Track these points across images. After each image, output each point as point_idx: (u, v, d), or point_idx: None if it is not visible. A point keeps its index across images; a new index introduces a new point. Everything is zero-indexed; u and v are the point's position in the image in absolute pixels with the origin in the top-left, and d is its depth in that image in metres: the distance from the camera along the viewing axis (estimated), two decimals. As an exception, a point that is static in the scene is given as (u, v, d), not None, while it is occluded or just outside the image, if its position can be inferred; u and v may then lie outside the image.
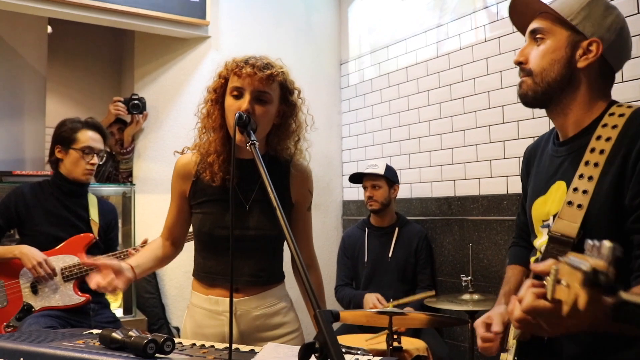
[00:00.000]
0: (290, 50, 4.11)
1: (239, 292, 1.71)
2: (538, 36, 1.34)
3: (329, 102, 4.37)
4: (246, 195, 1.72)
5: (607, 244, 0.83)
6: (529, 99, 1.36)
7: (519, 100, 1.41)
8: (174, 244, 1.87)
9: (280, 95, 1.70)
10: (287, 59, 1.77)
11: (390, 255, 3.32)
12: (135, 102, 3.59)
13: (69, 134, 2.69)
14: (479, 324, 1.42)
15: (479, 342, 1.40)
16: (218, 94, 1.70)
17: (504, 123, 3.07)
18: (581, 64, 1.29)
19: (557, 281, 0.89)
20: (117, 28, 3.78)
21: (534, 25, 1.36)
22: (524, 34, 1.44)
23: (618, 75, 2.49)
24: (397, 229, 3.37)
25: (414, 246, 3.33)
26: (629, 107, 1.27)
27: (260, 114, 1.62)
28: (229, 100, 1.65)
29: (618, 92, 2.49)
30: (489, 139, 3.16)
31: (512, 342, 1.39)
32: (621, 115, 1.25)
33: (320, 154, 1.86)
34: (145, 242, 2.74)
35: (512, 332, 1.38)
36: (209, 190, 1.73)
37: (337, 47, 4.46)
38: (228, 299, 1.67)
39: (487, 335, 1.37)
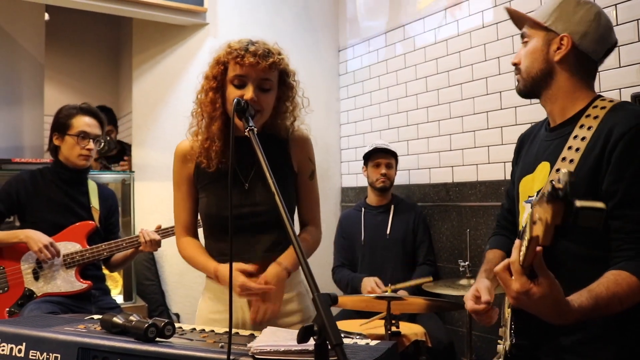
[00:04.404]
0: (289, 36, 4.09)
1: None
2: (524, 40, 1.55)
3: (327, 89, 4.36)
4: (246, 173, 1.73)
5: (563, 170, 1.00)
6: (522, 92, 1.57)
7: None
8: (194, 236, 1.87)
9: (279, 79, 1.72)
10: (285, 45, 1.78)
11: (388, 232, 3.35)
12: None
13: (64, 121, 2.68)
14: (468, 297, 1.51)
15: (474, 316, 1.49)
16: (219, 82, 1.68)
17: (501, 109, 3.08)
18: (557, 57, 1.46)
19: (533, 222, 1.05)
20: (115, 15, 3.77)
21: (521, 31, 1.57)
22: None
23: (615, 61, 2.51)
24: (392, 207, 3.42)
25: (411, 222, 3.39)
26: (611, 101, 1.42)
27: (265, 102, 1.66)
28: (231, 89, 1.65)
29: (616, 77, 2.52)
30: (487, 125, 3.17)
31: (507, 312, 1.50)
32: (603, 107, 1.40)
33: (319, 141, 1.88)
34: (159, 228, 2.71)
35: (506, 302, 1.49)
36: (209, 173, 1.73)
37: (335, 34, 4.45)
38: None
39: (477, 307, 1.47)
